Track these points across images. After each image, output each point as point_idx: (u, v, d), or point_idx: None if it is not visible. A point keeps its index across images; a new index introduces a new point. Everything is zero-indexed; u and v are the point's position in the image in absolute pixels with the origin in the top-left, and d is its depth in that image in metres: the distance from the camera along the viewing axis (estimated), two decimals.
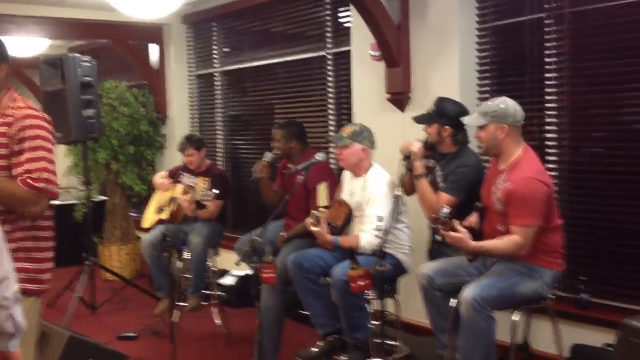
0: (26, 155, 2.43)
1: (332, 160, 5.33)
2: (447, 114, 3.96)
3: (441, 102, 4.03)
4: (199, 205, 5.23)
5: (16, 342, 1.91)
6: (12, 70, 9.12)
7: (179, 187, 5.04)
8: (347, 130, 4.27)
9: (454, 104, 4.04)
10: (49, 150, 2.48)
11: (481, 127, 3.56)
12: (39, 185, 2.42)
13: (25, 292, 2.43)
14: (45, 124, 2.51)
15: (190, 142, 5.44)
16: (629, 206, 3.91)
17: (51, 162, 2.48)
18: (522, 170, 3.43)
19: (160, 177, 5.65)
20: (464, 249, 3.46)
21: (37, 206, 2.45)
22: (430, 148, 4.02)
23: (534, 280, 3.45)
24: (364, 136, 4.21)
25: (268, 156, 4.76)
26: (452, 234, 3.34)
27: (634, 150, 3.92)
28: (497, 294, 3.36)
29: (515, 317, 3.52)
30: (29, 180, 2.41)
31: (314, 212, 4.10)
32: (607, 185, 4.04)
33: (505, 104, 3.51)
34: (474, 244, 3.39)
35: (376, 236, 3.97)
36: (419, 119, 4.09)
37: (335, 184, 4.63)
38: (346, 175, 4.41)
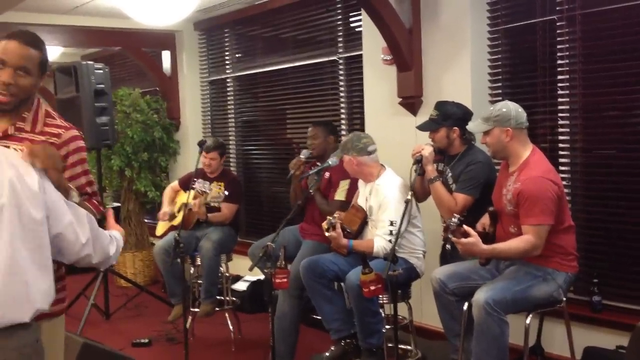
0: (84, 179, 2.46)
1: None
2: (452, 116, 3.97)
3: (442, 106, 4.04)
4: (210, 209, 5.24)
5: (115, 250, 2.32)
6: None
7: (191, 193, 5.04)
8: (340, 145, 4.32)
9: (455, 105, 4.04)
10: (87, 162, 2.53)
11: (486, 133, 3.56)
12: (102, 209, 2.48)
13: (49, 315, 2.38)
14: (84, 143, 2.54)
15: (216, 146, 5.45)
16: None
17: (90, 174, 2.54)
18: (531, 170, 3.42)
19: (165, 206, 5.65)
20: (477, 254, 3.44)
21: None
22: (439, 152, 4.02)
23: (547, 283, 3.42)
24: (348, 147, 4.21)
25: (305, 153, 4.79)
26: (464, 240, 3.31)
27: None
28: (510, 297, 3.34)
29: (529, 320, 3.49)
30: (95, 202, 2.47)
31: (329, 217, 4.10)
32: (620, 187, 4.02)
33: (507, 107, 3.52)
34: (486, 247, 3.38)
35: (389, 241, 3.96)
36: (425, 127, 4.07)
37: (356, 183, 4.62)
38: (361, 181, 4.41)
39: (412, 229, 4.10)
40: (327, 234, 4.07)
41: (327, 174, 4.58)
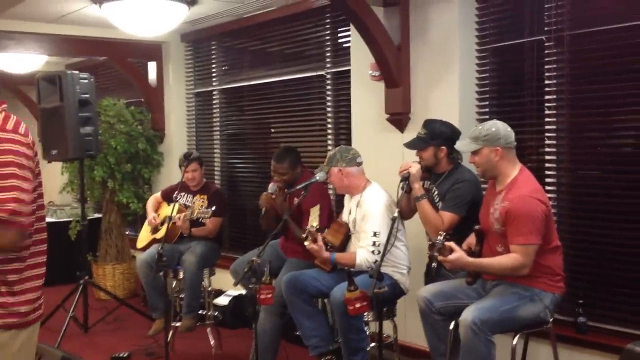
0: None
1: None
2: (441, 135, 3.96)
3: (431, 124, 4.02)
4: (194, 223, 5.19)
5: None
6: (9, 87, 9.06)
7: (175, 206, 4.99)
8: (326, 159, 4.28)
9: (443, 124, 4.04)
10: (23, 179, 2.27)
11: (474, 152, 3.54)
12: (1, 215, 2.22)
13: (2, 326, 2.34)
14: (21, 148, 2.30)
15: (194, 158, 5.39)
16: (627, 229, 3.88)
17: (24, 191, 2.27)
18: (519, 189, 3.41)
19: (151, 212, 5.61)
20: (462, 267, 3.42)
21: (3, 238, 2.25)
22: (426, 170, 4.00)
23: (534, 304, 3.40)
24: (337, 158, 4.20)
25: (272, 188, 4.67)
26: (450, 257, 3.30)
27: (633, 173, 3.90)
28: (497, 317, 3.32)
29: (515, 341, 3.47)
30: None
31: (308, 227, 4.07)
32: (606, 208, 4.01)
33: (496, 126, 3.51)
34: (472, 259, 3.38)
35: (372, 252, 3.94)
36: (412, 145, 4.05)
37: (329, 206, 4.59)
38: (346, 195, 4.39)
39: (396, 243, 4.04)
40: (305, 243, 4.05)
41: (295, 200, 4.49)
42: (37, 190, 2.43)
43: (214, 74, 7.02)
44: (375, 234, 3.99)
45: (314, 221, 4.38)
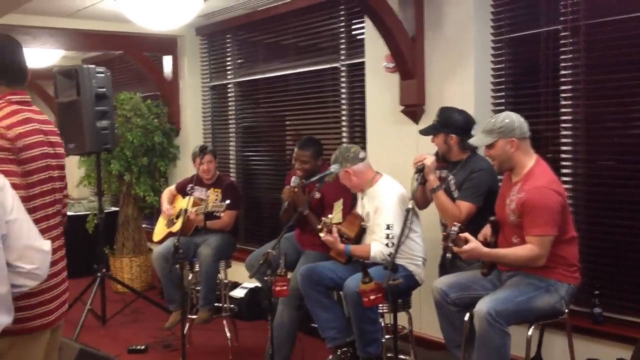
0: None
1: None
2: (452, 123, 3.95)
3: (444, 111, 4.03)
4: (209, 216, 5.21)
5: None
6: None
7: (190, 199, 5.02)
8: (331, 162, 4.27)
9: (458, 112, 4.03)
10: None
11: (489, 146, 3.53)
12: None
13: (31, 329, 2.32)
14: None
15: (209, 150, 5.42)
16: None
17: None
18: (535, 180, 3.40)
19: (166, 203, 5.65)
20: (478, 257, 3.42)
21: None
22: (442, 159, 4.00)
23: (550, 294, 3.39)
24: (339, 161, 4.20)
25: (295, 181, 4.66)
26: (466, 247, 3.29)
27: None
28: (513, 308, 3.31)
29: (531, 332, 3.46)
30: None
31: (324, 218, 4.08)
32: (622, 199, 3.99)
33: (510, 118, 3.49)
34: (487, 250, 3.37)
35: (386, 245, 3.94)
36: (424, 131, 4.09)
37: (351, 200, 4.59)
38: None
39: (410, 234, 4.04)
40: (321, 234, 4.05)
41: (317, 195, 4.48)
42: (38, 187, 2.39)
43: (228, 67, 7.04)
44: (388, 227, 3.98)
45: (337, 217, 4.38)
